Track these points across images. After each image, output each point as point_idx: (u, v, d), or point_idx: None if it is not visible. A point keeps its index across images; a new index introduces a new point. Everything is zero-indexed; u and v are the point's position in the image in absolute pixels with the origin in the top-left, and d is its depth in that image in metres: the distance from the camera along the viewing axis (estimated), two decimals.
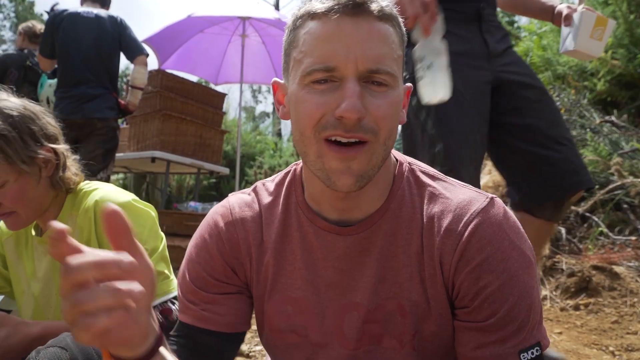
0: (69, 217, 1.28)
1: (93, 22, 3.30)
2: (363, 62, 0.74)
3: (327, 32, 0.75)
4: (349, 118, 0.73)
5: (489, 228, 0.80)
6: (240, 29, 5.22)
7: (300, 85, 0.78)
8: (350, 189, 0.77)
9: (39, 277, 1.33)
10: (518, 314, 0.78)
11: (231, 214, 0.93)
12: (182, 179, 7.21)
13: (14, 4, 24.99)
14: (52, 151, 1.25)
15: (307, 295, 0.88)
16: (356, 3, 0.74)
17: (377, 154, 0.78)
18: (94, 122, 3.23)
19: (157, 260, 1.25)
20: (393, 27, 0.78)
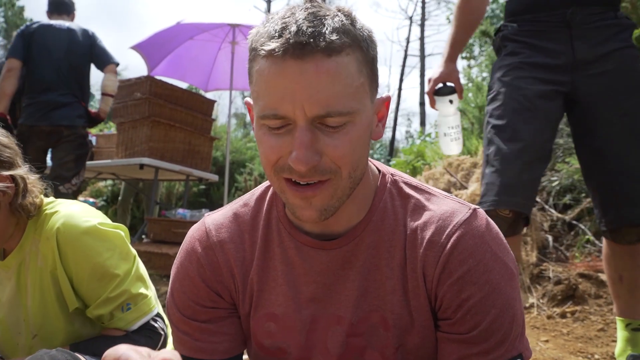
0: (32, 241, 1.23)
1: (65, 33, 3.41)
2: (311, 108, 0.70)
3: (273, 77, 0.71)
4: (298, 170, 0.72)
5: (471, 240, 0.80)
6: (230, 36, 5.23)
7: (258, 124, 0.77)
8: (314, 221, 0.77)
9: (3, 302, 1.28)
10: (501, 325, 0.79)
11: (208, 238, 0.92)
12: (171, 186, 7.17)
13: (3, 9, 24.82)
14: (8, 179, 1.16)
15: (289, 311, 0.88)
16: (300, 44, 0.68)
17: (342, 188, 0.76)
18: (61, 130, 3.31)
19: (133, 281, 1.22)
20: (349, 54, 0.72)
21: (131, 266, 1.24)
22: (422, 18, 21.66)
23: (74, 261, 1.17)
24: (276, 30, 0.71)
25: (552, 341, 2.29)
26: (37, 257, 1.22)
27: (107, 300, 1.18)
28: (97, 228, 1.20)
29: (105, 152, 5.11)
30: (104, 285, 1.18)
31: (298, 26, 0.69)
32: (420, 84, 21.17)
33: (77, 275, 1.19)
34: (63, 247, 1.17)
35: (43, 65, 3.31)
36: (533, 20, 1.73)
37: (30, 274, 1.23)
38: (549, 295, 2.71)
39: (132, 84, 4.59)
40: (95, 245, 1.18)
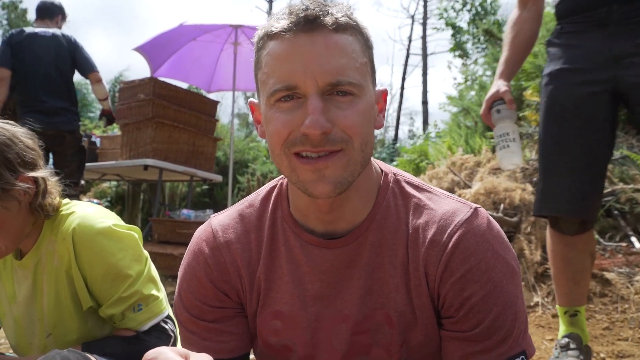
0: (49, 242, 1.25)
1: (51, 40, 3.54)
2: (322, 77, 0.74)
3: (285, 52, 0.75)
4: (312, 134, 0.73)
5: (473, 238, 0.81)
6: (233, 36, 5.24)
7: (267, 106, 0.79)
8: (328, 195, 0.77)
9: (19, 301, 1.30)
10: (503, 323, 0.79)
11: (215, 238, 0.93)
12: (175, 187, 7.19)
13: (6, 12, 24.93)
14: (31, 180, 1.19)
15: (294, 309, 0.89)
16: (309, 19, 0.74)
17: (354, 160, 0.77)
18: (63, 134, 3.48)
19: (145, 283, 1.24)
20: (353, 35, 0.78)
21: (143, 267, 1.25)
22: (424, 17, 21.64)
23: (89, 261, 1.19)
24: (284, 12, 0.77)
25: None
26: (53, 257, 1.23)
27: (119, 300, 1.20)
28: (111, 229, 1.21)
29: (109, 154, 5.14)
30: (117, 286, 1.20)
31: (306, 6, 0.75)
32: (422, 83, 21.15)
33: (91, 275, 1.21)
34: (78, 247, 1.19)
35: (35, 73, 3.43)
36: (572, 22, 1.78)
37: (46, 274, 1.25)
38: (554, 294, 2.71)
39: (136, 86, 4.61)
40: (109, 246, 1.20)
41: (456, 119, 6.45)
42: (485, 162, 4.06)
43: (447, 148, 5.17)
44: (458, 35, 16.05)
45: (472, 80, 7.31)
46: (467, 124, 5.92)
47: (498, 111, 1.80)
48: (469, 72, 7.83)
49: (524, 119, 4.63)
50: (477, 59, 13.40)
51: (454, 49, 15.60)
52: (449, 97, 6.68)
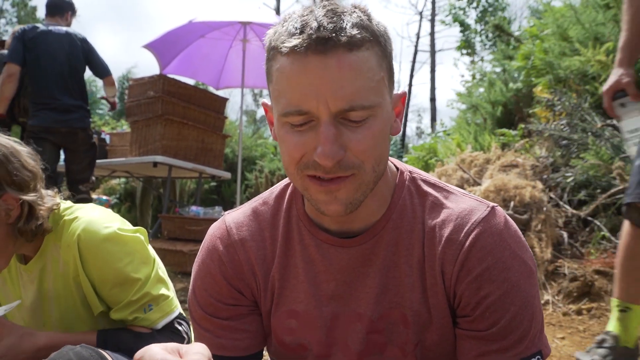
0: (53, 247, 1.23)
1: (64, 38, 3.57)
2: (335, 103, 0.70)
3: (296, 73, 0.71)
4: (324, 165, 0.72)
5: (490, 237, 0.80)
6: (241, 33, 5.23)
7: (279, 123, 0.77)
8: (340, 215, 0.77)
9: (27, 306, 1.29)
10: (520, 323, 0.79)
11: (229, 236, 0.93)
12: (183, 183, 7.22)
13: (16, 9, 25.08)
14: (15, 201, 1.14)
15: (310, 308, 0.88)
16: (322, 39, 0.69)
17: (366, 181, 0.76)
18: (77, 132, 3.54)
19: (154, 284, 1.23)
20: (369, 48, 0.72)
21: (151, 269, 1.25)
22: (432, 13, 21.51)
23: (96, 267, 1.18)
24: (296, 27, 0.71)
25: (568, 338, 2.27)
26: (58, 263, 1.22)
27: (129, 303, 1.20)
28: (117, 234, 1.20)
29: (119, 151, 5.16)
30: (126, 290, 1.19)
31: (319, 22, 0.70)
32: (430, 80, 21.04)
33: (99, 281, 1.20)
34: (84, 253, 1.18)
35: (48, 70, 3.46)
36: None
37: (52, 280, 1.24)
38: (565, 292, 2.69)
39: (146, 83, 4.63)
40: (116, 251, 1.19)
41: (464, 116, 6.41)
42: (494, 159, 4.04)
43: (456, 145, 5.15)
44: (466, 32, 15.95)
45: (481, 77, 7.26)
46: (475, 121, 5.89)
47: (622, 105, 1.67)
48: (477, 69, 7.77)
49: (534, 116, 4.60)
50: (483, 57, 13.32)
51: (462, 47, 15.51)
52: (458, 94, 6.64)
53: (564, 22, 4.68)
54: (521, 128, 4.69)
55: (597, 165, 3.31)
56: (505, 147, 4.60)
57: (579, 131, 3.76)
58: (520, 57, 5.36)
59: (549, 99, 4.27)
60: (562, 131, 3.87)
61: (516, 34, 7.64)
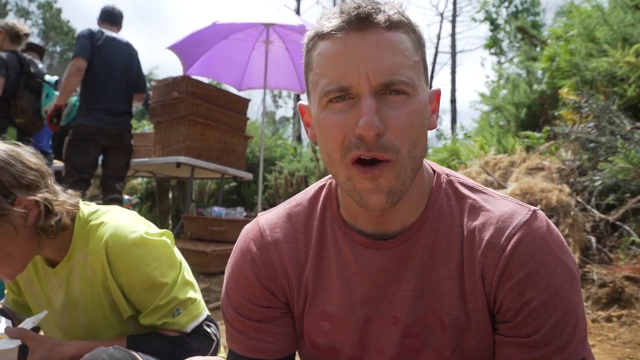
0: (80, 253, 1.23)
1: (126, 48, 3.86)
2: (375, 76, 0.72)
3: (336, 51, 0.74)
4: (367, 135, 0.72)
5: (532, 242, 0.79)
6: (264, 35, 5.26)
7: (319, 107, 0.78)
8: (383, 206, 0.77)
9: (56, 309, 1.30)
10: (563, 330, 0.77)
11: (262, 237, 0.93)
12: (204, 184, 7.28)
13: (42, 11, 25.62)
14: (30, 203, 1.13)
15: (343, 310, 0.88)
16: (361, 17, 0.73)
17: (405, 168, 0.76)
18: (124, 134, 3.78)
19: (181, 287, 1.23)
20: (406, 33, 0.76)
21: (178, 273, 1.25)
22: (454, 14, 21.33)
23: (124, 272, 1.19)
24: (335, 12, 0.76)
25: (598, 346, 2.22)
26: (85, 269, 1.23)
27: (157, 308, 1.20)
28: (144, 238, 1.20)
29: (142, 151, 5.22)
30: (154, 294, 1.20)
31: (358, 4, 0.74)
32: (451, 82, 20.87)
33: (127, 285, 1.21)
34: (113, 259, 1.18)
35: (107, 74, 3.69)
36: None
37: (79, 286, 1.25)
38: (593, 299, 2.64)
39: (169, 84, 4.68)
40: (144, 256, 1.19)
41: (487, 117, 6.34)
42: (519, 162, 3.98)
43: (479, 147, 5.09)
44: (495, 31, 15.78)
45: (505, 79, 7.17)
46: (499, 123, 5.82)
47: None
48: (503, 70, 7.68)
49: (560, 118, 4.52)
50: (513, 57, 13.16)
51: (490, 45, 15.33)
52: (481, 95, 6.57)
53: (590, 23, 4.60)
54: (546, 130, 4.61)
55: (627, 169, 3.24)
56: (529, 149, 4.54)
57: (607, 134, 3.68)
58: (545, 58, 5.29)
59: (576, 101, 4.20)
60: (590, 134, 3.79)
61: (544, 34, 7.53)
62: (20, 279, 1.37)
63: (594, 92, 4.22)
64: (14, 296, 1.43)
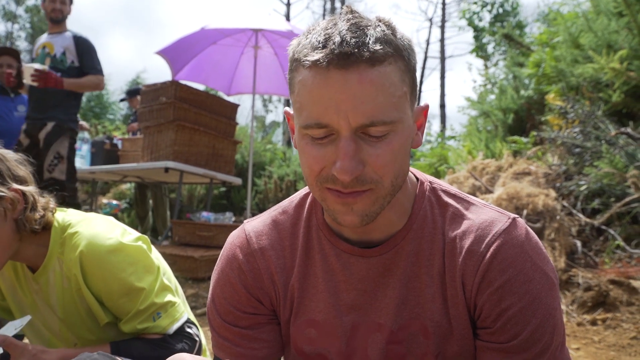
0: (57, 262, 1.25)
1: None
2: (355, 118, 0.70)
3: (317, 87, 0.71)
4: (343, 180, 0.72)
5: (511, 249, 0.80)
6: (253, 40, 5.26)
7: (300, 134, 0.77)
8: (356, 226, 0.77)
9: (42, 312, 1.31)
10: (541, 336, 0.78)
11: (249, 245, 0.93)
12: (193, 189, 7.24)
13: (29, 15, 25.42)
14: (19, 192, 1.20)
15: (329, 318, 0.88)
16: (344, 54, 0.69)
17: (384, 196, 0.77)
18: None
19: (159, 292, 1.25)
20: (392, 63, 0.72)
21: (155, 277, 1.26)
22: (442, 20, 21.51)
23: (101, 279, 1.20)
24: (319, 41, 0.71)
25: (583, 349, 2.25)
26: (62, 278, 1.24)
27: (137, 313, 1.21)
28: (120, 244, 1.22)
29: (130, 156, 5.18)
30: (132, 300, 1.21)
31: (342, 37, 0.70)
32: (440, 86, 21.01)
33: (105, 292, 1.22)
34: (88, 268, 1.20)
35: None
36: None
37: (56, 293, 1.26)
38: (579, 302, 2.66)
39: (158, 89, 4.65)
40: (119, 262, 1.20)
41: (475, 122, 6.39)
42: (506, 166, 4.02)
43: (467, 152, 5.13)
44: (480, 35, 15.89)
45: (492, 84, 7.23)
46: (486, 127, 5.87)
47: None
48: (489, 75, 7.75)
49: (547, 123, 4.57)
50: (498, 61, 13.27)
51: (476, 50, 15.46)
52: (469, 100, 6.62)
53: (575, 29, 4.66)
54: (533, 135, 4.66)
55: (612, 174, 3.28)
56: (516, 154, 4.58)
57: (592, 139, 3.73)
58: (531, 64, 5.35)
59: (562, 107, 4.25)
60: (575, 139, 3.84)
61: (527, 40, 7.61)
62: (3, 285, 1.37)
63: (580, 98, 4.28)
64: None
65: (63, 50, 3.77)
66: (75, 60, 3.80)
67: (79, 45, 3.80)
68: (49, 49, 3.78)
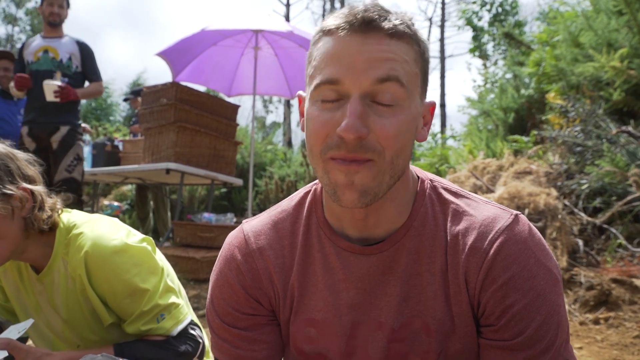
0: (61, 262, 1.25)
1: None
2: (367, 80, 0.72)
3: (335, 50, 0.75)
4: (347, 138, 0.72)
5: (515, 246, 0.80)
6: (253, 41, 5.26)
7: (311, 101, 0.78)
8: (354, 205, 0.76)
9: (45, 313, 1.32)
10: (546, 332, 0.78)
11: (247, 245, 0.92)
12: (194, 190, 7.25)
13: (30, 18, 25.45)
14: (28, 191, 1.21)
15: (329, 317, 0.88)
16: (365, 21, 0.73)
17: (383, 172, 0.76)
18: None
19: (163, 293, 1.25)
20: (408, 44, 0.76)
21: (159, 279, 1.26)
22: (442, 19, 21.51)
23: (105, 280, 1.20)
24: (344, 12, 0.76)
25: (586, 348, 2.24)
26: (66, 279, 1.25)
27: (141, 314, 1.21)
28: (125, 245, 1.22)
29: (132, 157, 5.19)
30: (136, 301, 1.21)
31: (366, 7, 0.75)
32: (440, 86, 21.01)
33: (109, 293, 1.22)
34: (93, 269, 1.20)
35: None
36: None
37: (60, 294, 1.27)
38: (581, 301, 2.66)
39: (159, 90, 4.66)
40: (124, 263, 1.21)
41: (475, 122, 6.39)
42: (507, 166, 4.02)
43: (467, 152, 5.13)
44: (479, 35, 15.88)
45: (492, 83, 7.23)
46: (487, 127, 5.86)
47: None
48: (489, 75, 7.75)
49: (548, 122, 4.57)
50: (497, 60, 13.26)
51: (474, 50, 15.45)
52: (469, 99, 6.62)
53: (575, 28, 4.66)
54: (534, 135, 4.66)
55: (613, 173, 3.28)
56: (517, 153, 4.58)
57: (593, 138, 3.73)
58: (531, 63, 5.35)
59: (562, 105, 4.25)
60: (576, 138, 3.84)
61: (527, 39, 7.61)
62: (7, 286, 1.38)
63: (580, 97, 4.27)
64: (1, 302, 1.43)
65: (69, 56, 3.82)
66: (79, 66, 3.86)
67: (83, 51, 3.88)
68: (54, 54, 3.80)
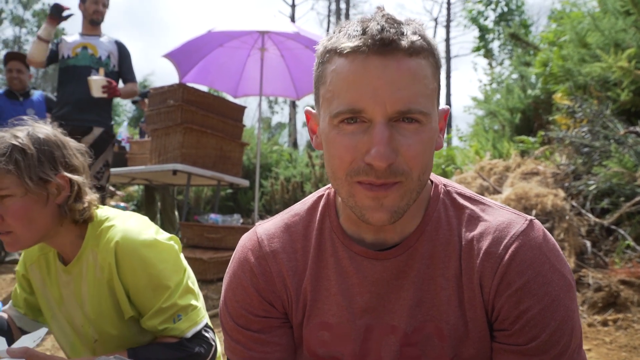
0: (91, 253, 1.28)
1: None
2: (392, 104, 0.71)
3: (354, 74, 0.72)
4: (378, 167, 0.72)
5: (530, 251, 0.80)
6: (260, 42, 5.27)
7: (330, 125, 0.77)
8: (384, 223, 0.77)
9: (67, 306, 1.34)
10: (560, 338, 0.78)
11: (260, 248, 0.93)
12: (200, 190, 7.26)
13: (37, 19, 25.59)
14: (67, 180, 1.23)
15: (343, 321, 0.88)
16: (384, 42, 0.71)
17: (411, 190, 0.77)
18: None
19: (183, 293, 1.27)
20: (426, 58, 0.75)
21: (182, 278, 1.28)
22: (448, 19, 21.47)
23: (131, 271, 1.22)
24: (357, 30, 0.73)
25: (594, 350, 2.24)
26: (95, 268, 1.27)
27: (159, 311, 1.23)
28: (154, 241, 1.25)
29: (138, 159, 5.21)
30: (157, 296, 1.23)
31: (381, 26, 0.72)
32: (446, 86, 20.96)
33: (133, 285, 1.24)
34: (121, 259, 1.22)
35: None
36: None
37: (87, 284, 1.29)
38: (589, 303, 2.65)
39: (165, 92, 4.67)
40: (152, 257, 1.23)
41: (482, 122, 6.38)
42: (514, 166, 4.01)
43: (474, 152, 5.12)
44: (484, 35, 15.82)
45: (498, 83, 7.21)
46: (493, 127, 5.85)
47: None
48: (495, 75, 7.73)
49: (554, 123, 4.55)
50: (503, 59, 13.21)
51: (478, 49, 15.40)
52: (475, 99, 6.61)
53: (582, 29, 4.64)
54: (540, 135, 4.65)
55: (621, 173, 3.26)
56: (524, 154, 4.57)
57: (601, 138, 3.71)
58: (538, 63, 5.33)
59: (570, 106, 4.23)
60: (584, 138, 3.82)
61: (533, 39, 7.59)
62: (33, 279, 1.41)
63: (588, 97, 4.26)
64: (26, 295, 1.45)
65: (108, 54, 3.83)
66: (116, 65, 3.87)
67: (121, 51, 3.89)
68: (93, 51, 3.80)
